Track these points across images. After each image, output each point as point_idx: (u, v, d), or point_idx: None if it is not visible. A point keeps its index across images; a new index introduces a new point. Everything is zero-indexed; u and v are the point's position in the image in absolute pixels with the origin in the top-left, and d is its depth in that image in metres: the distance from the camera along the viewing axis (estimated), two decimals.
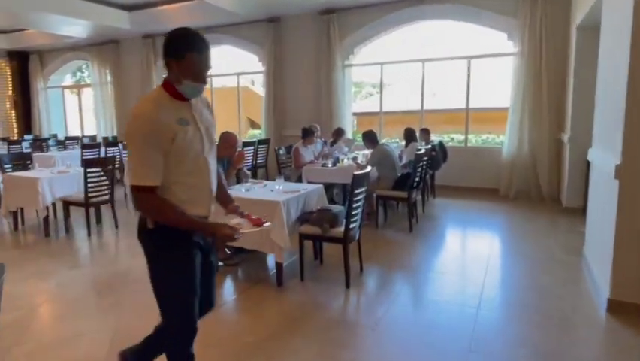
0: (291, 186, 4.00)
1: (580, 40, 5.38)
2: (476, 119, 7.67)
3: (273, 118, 8.46)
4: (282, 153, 6.04)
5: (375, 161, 5.12)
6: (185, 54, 1.64)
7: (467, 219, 5.69)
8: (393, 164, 5.18)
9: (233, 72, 9.74)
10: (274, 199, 3.51)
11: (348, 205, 3.38)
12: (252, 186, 4.00)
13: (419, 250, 4.43)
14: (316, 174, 5.39)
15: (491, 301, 3.24)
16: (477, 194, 6.93)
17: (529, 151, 6.50)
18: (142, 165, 1.63)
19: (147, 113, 1.61)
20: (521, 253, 4.30)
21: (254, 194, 3.74)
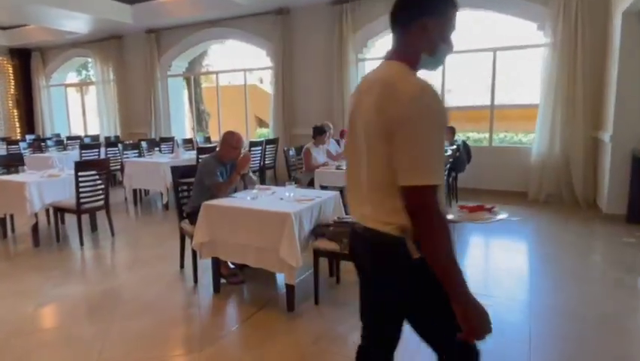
0: (304, 194, 3.46)
1: (626, 27, 4.76)
2: (498, 117, 7.04)
3: (281, 116, 7.92)
4: (292, 155, 5.50)
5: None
6: (448, 10, 1.28)
7: (495, 227, 5.07)
8: None
9: (240, 68, 9.18)
10: (284, 210, 2.97)
11: None
12: (258, 193, 3.47)
13: None
14: (330, 177, 4.84)
15: (543, 342, 2.67)
16: (503, 198, 6.32)
17: (562, 151, 5.89)
18: (439, 159, 1.19)
19: (438, 94, 1.19)
20: (568, 271, 3.70)
21: (261, 203, 3.21)
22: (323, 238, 3.11)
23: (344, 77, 7.25)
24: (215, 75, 9.90)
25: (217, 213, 3.19)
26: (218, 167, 3.54)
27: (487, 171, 6.53)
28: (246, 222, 3.08)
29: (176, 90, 9.71)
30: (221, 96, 9.31)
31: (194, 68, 13.13)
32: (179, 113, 9.81)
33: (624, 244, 4.22)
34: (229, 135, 3.60)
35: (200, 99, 13.17)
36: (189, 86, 12.99)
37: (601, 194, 5.43)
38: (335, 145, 6.06)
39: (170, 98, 9.50)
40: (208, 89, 14.41)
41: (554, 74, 5.84)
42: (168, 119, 9.48)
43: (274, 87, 7.94)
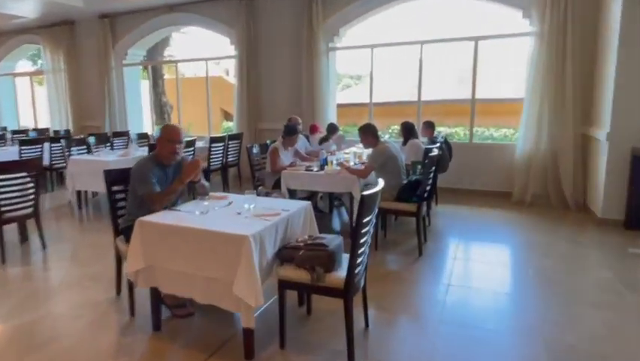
0: (267, 205, 2.71)
1: (628, 12, 4.24)
2: (480, 112, 6.47)
3: (246, 110, 7.10)
4: (256, 153, 4.70)
5: (379, 163, 3.85)
6: None
7: (483, 234, 4.52)
8: (398, 168, 3.93)
9: (201, 57, 8.23)
10: (240, 232, 2.22)
11: (353, 241, 2.13)
12: (210, 204, 2.69)
13: (439, 287, 3.21)
14: (299, 180, 4.11)
15: None
16: (485, 199, 5.79)
17: (549, 149, 5.39)
18: None
19: None
20: (579, 294, 3.09)
21: (211, 220, 2.45)
22: (290, 265, 2.38)
23: (314, 67, 6.49)
24: (175, 65, 8.86)
25: (155, 233, 2.41)
26: (155, 171, 2.76)
27: (468, 170, 5.97)
28: (191, 245, 2.32)
29: (133, 80, 8.68)
30: (186, 88, 8.38)
31: (155, 57, 12.00)
32: (137, 105, 8.77)
33: (631, 257, 3.69)
34: (165, 127, 2.91)
35: (162, 91, 12.06)
36: (151, 77, 11.87)
37: (594, 196, 4.94)
38: (304, 142, 5.29)
39: (127, 88, 8.47)
40: (172, 81, 13.29)
41: (541, 66, 5.30)
42: (124, 112, 8.46)
43: (238, 78, 7.10)
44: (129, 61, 8.48)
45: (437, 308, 2.84)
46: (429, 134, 5.33)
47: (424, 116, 6.26)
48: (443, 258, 3.75)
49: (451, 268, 3.54)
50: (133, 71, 8.69)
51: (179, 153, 2.82)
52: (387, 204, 3.82)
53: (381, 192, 3.96)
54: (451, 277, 3.35)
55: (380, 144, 3.91)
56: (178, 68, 8.94)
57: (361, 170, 3.90)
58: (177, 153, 2.80)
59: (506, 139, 9.59)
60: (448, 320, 2.69)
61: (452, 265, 3.58)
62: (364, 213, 2.14)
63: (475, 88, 5.97)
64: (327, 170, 4.07)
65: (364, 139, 3.99)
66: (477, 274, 3.44)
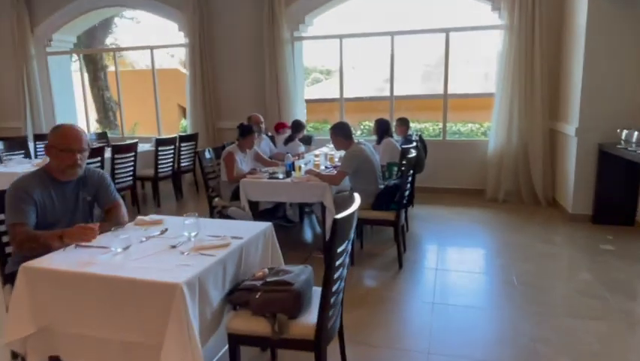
0: (213, 232, 2.07)
1: (594, 5, 4.21)
2: (453, 107, 6.10)
3: (201, 106, 6.43)
4: (208, 158, 4.04)
5: (353, 168, 3.31)
6: None
7: (461, 238, 4.46)
8: (374, 173, 3.48)
9: (145, 45, 7.36)
10: (169, 280, 1.61)
11: (325, 278, 1.58)
12: (135, 235, 2.03)
13: (423, 307, 2.97)
14: (260, 189, 3.57)
15: None
16: (460, 197, 5.54)
17: (520, 144, 5.39)
18: None
19: None
20: (565, 304, 3.00)
21: (132, 262, 1.81)
22: (246, 310, 1.79)
23: (277, 58, 5.94)
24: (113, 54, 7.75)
25: (48, 283, 1.74)
26: (38, 192, 2.10)
27: (442, 168, 5.68)
28: (102, 299, 1.67)
29: (61, 73, 7.69)
30: (136, 82, 7.37)
31: (95, 46, 10.72)
32: (68, 102, 7.80)
33: (603, 253, 3.71)
34: (55, 131, 2.15)
35: (105, 85, 10.85)
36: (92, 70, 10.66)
37: (563, 192, 5.00)
38: (268, 143, 4.70)
39: (53, 82, 7.37)
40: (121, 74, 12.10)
41: (511, 60, 5.28)
42: (52, 111, 7.34)
43: (190, 69, 6.43)
44: (55, 49, 7.44)
45: (424, 335, 2.60)
46: (403, 132, 4.95)
47: (396, 112, 5.81)
48: (424, 270, 3.61)
49: (434, 281, 3.36)
50: (61, 61, 7.70)
51: (80, 165, 2.13)
52: (363, 214, 3.39)
53: None
54: (435, 293, 3.17)
55: (354, 146, 3.44)
56: (126, 59, 7.91)
57: (332, 176, 3.40)
58: (77, 165, 2.12)
59: (472, 134, 9.40)
60: (437, 349, 2.44)
61: (434, 279, 3.41)
62: (338, 241, 1.58)
63: (448, 82, 5.57)
64: (294, 177, 3.46)
65: (335, 141, 3.50)
66: (461, 288, 3.28)
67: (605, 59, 4.24)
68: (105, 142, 6.47)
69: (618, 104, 4.29)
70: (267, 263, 2.29)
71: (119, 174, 4.86)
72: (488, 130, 9.92)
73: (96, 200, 2.36)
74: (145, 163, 5.52)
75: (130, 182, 5.07)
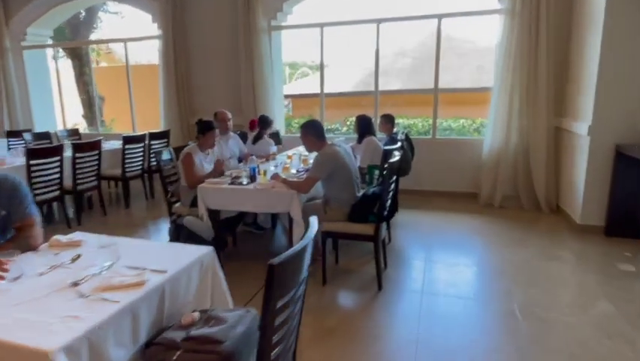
0: (134, 261, 1.61)
1: None
2: (444, 102, 5.60)
3: (175, 101, 5.87)
4: (165, 159, 3.51)
5: (325, 173, 2.82)
6: None
7: (452, 252, 3.76)
8: (350, 179, 2.94)
9: (118, 38, 6.79)
10: (38, 346, 1.11)
11: (260, 350, 1.12)
12: (37, 262, 1.63)
13: (407, 348, 2.36)
14: (220, 197, 3.02)
15: None
16: (451, 202, 5.00)
17: (520, 144, 4.71)
18: None
19: None
20: (585, 348, 2.35)
21: (14, 306, 1.38)
22: None
23: (253, 49, 5.37)
24: (87, 48, 7.27)
25: None
26: None
27: (431, 169, 5.13)
28: None
29: (37, 67, 7.05)
30: (123, 77, 6.74)
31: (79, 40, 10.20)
32: (46, 97, 7.13)
33: (624, 276, 3.05)
34: None
35: (90, 80, 10.30)
36: (77, 65, 10.17)
37: (571, 199, 4.30)
38: (237, 142, 4.16)
39: (29, 77, 6.80)
40: (104, 69, 11.53)
41: (511, 49, 4.56)
42: (28, 106, 6.79)
43: (163, 63, 5.85)
44: (30, 42, 6.81)
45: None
46: (388, 130, 4.42)
47: (382, 108, 5.31)
48: (407, 293, 2.92)
49: (419, 309, 2.70)
50: (37, 55, 7.06)
51: None
52: (338, 226, 2.86)
53: (326, 208, 2.97)
54: (420, 325, 2.52)
55: (327, 147, 2.91)
56: (115, 54, 7.38)
57: (300, 182, 2.88)
58: None
59: (464, 130, 8.92)
60: None
61: (420, 305, 2.75)
62: (275, 294, 1.12)
63: (439, 76, 5.06)
64: (257, 183, 2.97)
65: (305, 141, 2.98)
66: (451, 319, 2.61)
67: (625, 44, 3.52)
68: (77, 139, 5.96)
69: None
70: (206, 302, 1.78)
71: (81, 173, 4.25)
72: (482, 126, 9.45)
73: (9, 215, 1.92)
74: (114, 162, 4.93)
75: (94, 182, 4.46)
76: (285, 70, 13.53)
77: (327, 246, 3.02)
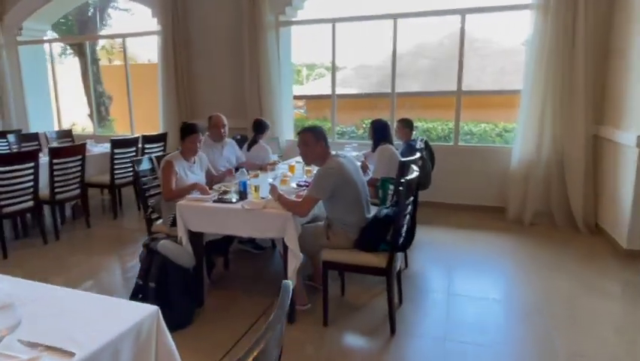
0: (44, 328, 1.11)
1: None
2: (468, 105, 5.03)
3: (175, 102, 5.44)
4: (144, 169, 3.04)
5: (328, 192, 2.34)
6: None
7: (478, 282, 3.27)
8: (357, 197, 2.44)
9: (118, 34, 6.40)
10: None
11: None
12: None
13: None
14: (202, 217, 2.54)
15: None
16: (475, 217, 4.45)
17: (554, 154, 4.13)
18: None
19: None
20: None
21: None
22: None
23: (259, 46, 4.91)
24: (86, 44, 6.88)
25: None
26: None
27: (453, 180, 4.58)
28: None
29: (34, 64, 6.67)
30: (134, 75, 6.34)
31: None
32: (42, 95, 6.77)
33: None
34: None
35: (98, 79, 10.03)
36: (83, 63, 9.89)
37: (613, 218, 3.73)
38: (234, 149, 3.67)
39: (25, 74, 6.45)
40: (112, 68, 11.24)
41: (545, 48, 4.01)
42: (22, 104, 6.45)
43: (162, 60, 5.43)
44: (25, 37, 6.46)
45: None
46: (405, 136, 3.90)
47: (399, 110, 4.78)
48: (426, 339, 2.39)
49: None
50: (34, 51, 6.68)
51: None
52: (342, 256, 2.35)
53: (329, 232, 2.45)
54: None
55: (330, 160, 2.39)
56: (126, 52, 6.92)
57: (297, 203, 2.37)
58: None
59: (486, 135, 8.29)
60: None
61: (441, 356, 2.21)
62: None
63: (462, 76, 4.51)
64: (245, 201, 2.46)
65: (303, 150, 2.47)
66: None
67: None
68: (69, 141, 5.59)
69: None
70: None
71: (61, 181, 3.83)
72: (505, 131, 8.83)
73: None
74: (105, 167, 4.46)
75: (76, 191, 4.04)
76: (302, 71, 13.11)
77: (333, 272, 2.51)
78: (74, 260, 3.41)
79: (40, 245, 3.72)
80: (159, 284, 2.44)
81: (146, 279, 2.46)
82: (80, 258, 3.46)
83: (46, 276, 3.10)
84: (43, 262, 3.41)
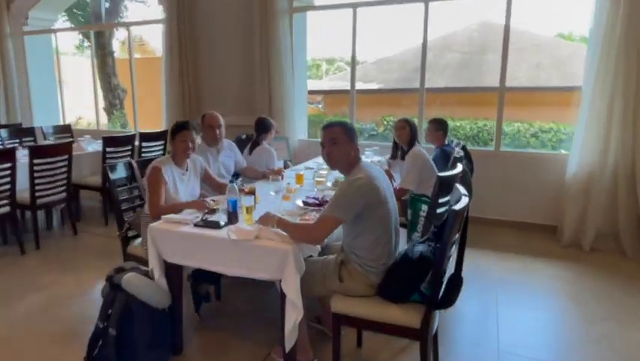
0: None
1: None
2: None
3: (179, 97, 4.86)
4: (124, 176, 2.46)
5: (353, 213, 1.72)
6: None
7: (529, 328, 2.55)
8: (387, 224, 1.82)
9: (122, 22, 5.93)
10: None
11: None
12: None
13: None
14: (180, 245, 1.91)
15: None
16: (519, 237, 3.71)
17: (622, 165, 3.31)
18: None
19: None
20: None
21: None
22: None
23: (270, 34, 4.27)
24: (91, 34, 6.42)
25: None
26: None
27: (494, 192, 3.82)
28: None
29: (40, 55, 6.21)
30: (150, 69, 5.86)
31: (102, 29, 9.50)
32: (49, 87, 6.31)
33: None
34: None
35: (113, 72, 9.64)
36: (99, 55, 9.53)
37: None
38: (233, 153, 3.02)
39: (30, 66, 6.01)
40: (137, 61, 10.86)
41: (614, 39, 3.16)
42: (28, 97, 6.05)
43: (166, 51, 4.85)
44: (32, 27, 6.02)
45: None
46: (438, 140, 3.18)
47: (427, 109, 4.08)
48: None
49: None
50: (40, 41, 6.21)
51: None
52: (359, 307, 1.73)
53: (341, 272, 1.80)
54: None
55: (359, 169, 1.78)
56: (147, 46, 6.53)
57: (309, 227, 1.73)
58: None
59: (519, 135, 7.42)
60: None
61: None
62: None
63: (506, 70, 3.76)
64: (232, 228, 1.82)
65: (328, 149, 1.83)
66: None
67: None
68: (68, 137, 5.13)
69: None
70: None
71: (42, 184, 3.30)
72: (540, 131, 7.92)
73: None
74: (99, 167, 4.10)
75: (62, 195, 3.50)
76: (321, 66, 12.47)
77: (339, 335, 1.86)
78: (47, 280, 2.87)
79: (17, 255, 3.22)
80: (122, 330, 1.86)
81: (107, 321, 1.89)
82: (54, 277, 2.91)
83: (8, 300, 2.59)
84: (10, 280, 2.88)
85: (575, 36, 9.54)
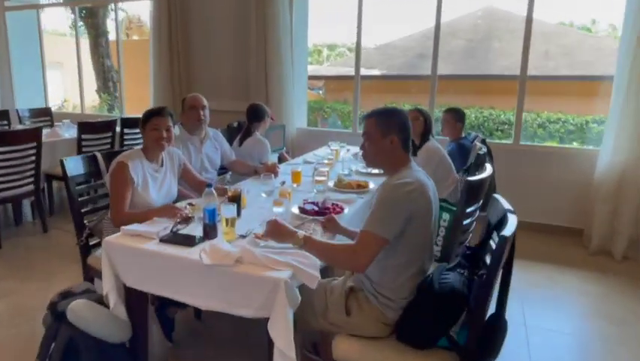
0: None
1: None
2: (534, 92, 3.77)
3: (168, 80, 4.35)
4: (83, 172, 1.99)
5: (398, 228, 1.26)
6: None
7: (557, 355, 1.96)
8: (424, 242, 1.36)
9: None
10: None
11: None
12: None
13: None
14: (138, 266, 1.44)
15: None
16: (541, 242, 3.29)
17: None
18: None
19: None
20: None
21: None
22: None
23: (267, 12, 3.74)
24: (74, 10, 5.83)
25: None
26: None
27: (514, 189, 3.35)
28: None
29: (23, 34, 5.63)
30: (140, 51, 5.35)
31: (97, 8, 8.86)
32: (32, 68, 5.75)
33: None
34: None
35: (106, 53, 9.07)
36: (93, 35, 8.97)
37: None
38: (219, 143, 2.54)
39: (12, 44, 5.47)
40: (134, 43, 10.27)
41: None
42: (9, 79, 5.52)
43: (155, 31, 4.31)
44: (14, 2, 5.44)
45: None
46: (455, 133, 2.71)
47: (438, 97, 3.62)
48: None
49: None
50: (23, 17, 5.64)
51: None
52: (370, 353, 1.23)
53: (353, 305, 1.36)
54: None
55: (407, 172, 1.36)
56: (146, 27, 5.91)
57: (350, 251, 1.30)
58: None
59: (526, 125, 6.96)
60: None
61: None
62: None
63: (528, 56, 3.29)
64: (209, 246, 1.38)
65: (364, 147, 1.41)
66: None
67: None
68: (46, 121, 4.66)
69: None
70: None
71: (4, 175, 2.86)
72: (548, 122, 7.49)
73: None
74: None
75: (29, 187, 3.03)
76: (322, 52, 11.93)
77: None
78: (6, 287, 2.43)
79: None
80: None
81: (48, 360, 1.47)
82: (11, 284, 2.47)
83: None
84: None
85: (586, 25, 9.02)
